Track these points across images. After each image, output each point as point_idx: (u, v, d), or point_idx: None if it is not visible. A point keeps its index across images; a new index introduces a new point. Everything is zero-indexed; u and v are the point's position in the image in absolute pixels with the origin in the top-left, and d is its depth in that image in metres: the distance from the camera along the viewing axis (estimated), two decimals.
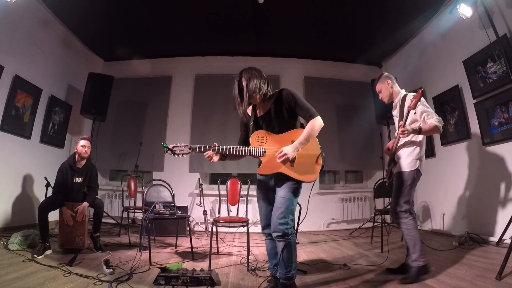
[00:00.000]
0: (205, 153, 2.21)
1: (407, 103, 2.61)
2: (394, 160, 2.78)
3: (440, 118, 2.55)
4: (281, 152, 2.06)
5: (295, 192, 2.14)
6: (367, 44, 5.68)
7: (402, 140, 2.70)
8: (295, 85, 6.12)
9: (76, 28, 5.30)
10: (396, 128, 2.79)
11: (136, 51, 5.97)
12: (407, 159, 2.64)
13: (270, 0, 4.32)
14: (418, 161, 2.64)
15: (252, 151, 2.17)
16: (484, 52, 3.98)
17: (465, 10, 3.90)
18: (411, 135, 2.59)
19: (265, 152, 2.17)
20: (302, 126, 2.24)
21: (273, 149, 2.15)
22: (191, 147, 2.22)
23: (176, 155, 2.23)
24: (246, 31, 5.38)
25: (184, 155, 2.23)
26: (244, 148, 2.18)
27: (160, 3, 4.60)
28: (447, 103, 4.72)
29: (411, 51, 5.62)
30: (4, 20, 4.03)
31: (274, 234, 2.09)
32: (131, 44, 5.78)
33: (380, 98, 2.94)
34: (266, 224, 2.26)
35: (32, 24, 4.56)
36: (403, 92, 2.82)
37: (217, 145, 2.19)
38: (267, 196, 2.27)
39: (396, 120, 2.84)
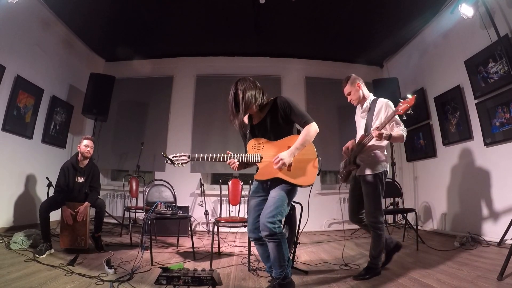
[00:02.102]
0: (228, 162, 2.23)
1: (378, 107, 2.64)
2: (355, 162, 2.72)
3: (405, 128, 2.59)
4: (277, 158, 2.08)
5: (288, 194, 2.13)
6: (368, 44, 5.68)
7: (365, 144, 2.65)
8: (296, 85, 6.14)
9: (78, 28, 5.32)
10: (360, 130, 2.79)
11: (137, 51, 5.99)
12: (376, 161, 2.64)
13: (271, 1, 4.33)
14: (385, 163, 2.66)
15: (249, 157, 2.21)
16: (485, 52, 3.97)
17: (466, 10, 3.90)
18: (376, 138, 2.56)
19: (261, 158, 2.20)
20: (299, 133, 2.24)
21: (269, 155, 2.17)
22: (189, 156, 2.29)
23: (175, 165, 2.30)
24: (247, 31, 5.38)
25: (183, 164, 2.31)
26: (241, 155, 2.21)
27: (161, 3, 4.61)
28: (448, 103, 4.71)
29: (412, 51, 5.62)
30: (6, 21, 4.05)
31: (263, 234, 2.08)
32: (132, 44, 5.79)
33: (349, 100, 2.84)
34: (253, 228, 2.23)
35: (34, 25, 4.58)
36: (371, 96, 2.80)
37: (229, 153, 2.24)
38: (259, 200, 2.26)
39: (360, 122, 2.83)
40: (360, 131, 2.78)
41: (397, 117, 2.55)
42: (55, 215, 3.47)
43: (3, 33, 4.04)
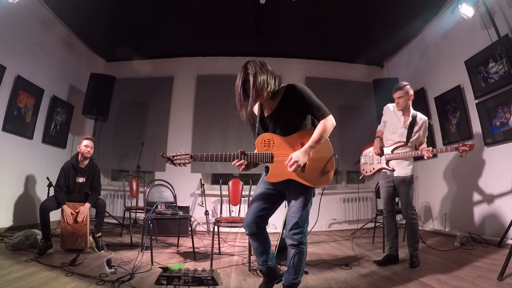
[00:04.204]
0: (233, 162, 1.98)
1: (419, 123, 3.05)
2: (388, 165, 3.11)
3: None
4: (290, 159, 1.88)
5: (308, 198, 2.01)
6: (368, 44, 5.68)
7: (404, 149, 3.04)
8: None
9: (78, 28, 5.32)
10: (396, 137, 3.12)
11: (137, 51, 5.98)
12: (410, 165, 3.06)
13: (272, 1, 4.33)
14: (413, 168, 3.12)
15: (258, 156, 1.98)
16: (485, 52, 3.97)
17: (466, 10, 3.90)
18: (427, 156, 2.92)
19: (272, 157, 1.97)
20: (313, 123, 2.06)
21: (281, 154, 1.95)
22: (192, 156, 2.03)
23: (177, 165, 2.06)
24: (248, 31, 5.38)
25: (185, 165, 2.07)
26: (250, 155, 1.98)
27: (162, 3, 4.61)
28: (448, 103, 4.71)
29: (413, 51, 5.61)
30: (6, 21, 4.05)
31: (289, 242, 2.02)
32: (132, 44, 5.79)
33: (396, 103, 3.13)
34: (251, 222, 2.05)
35: (34, 25, 4.58)
36: (413, 110, 3.12)
37: (244, 152, 1.99)
38: (267, 193, 2.07)
39: (398, 129, 3.12)
40: (396, 138, 3.11)
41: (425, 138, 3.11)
42: (55, 215, 3.47)
43: (3, 33, 4.04)
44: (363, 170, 3.36)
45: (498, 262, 2.67)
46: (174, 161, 2.04)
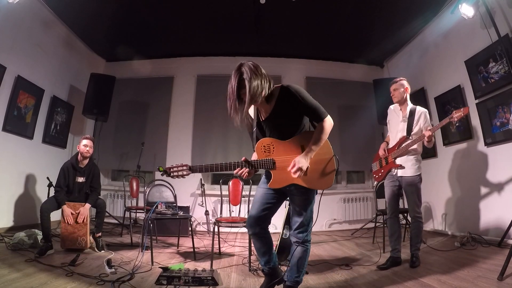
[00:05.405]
0: (235, 171, 1.95)
1: (418, 114, 3.03)
2: (395, 163, 3.06)
3: None
4: (294, 165, 1.85)
5: (311, 198, 2.03)
6: (369, 44, 5.68)
7: (407, 142, 3.00)
8: (297, 85, 6.13)
9: (78, 28, 5.32)
10: (398, 133, 3.11)
11: (137, 51, 5.99)
12: (415, 164, 3.04)
13: (272, 0, 4.33)
14: (420, 166, 3.08)
15: (260, 163, 1.95)
16: (486, 52, 3.97)
17: (466, 10, 3.89)
18: (417, 143, 2.97)
19: (274, 163, 1.94)
20: (312, 123, 2.05)
21: (282, 159, 1.93)
22: (190, 167, 2.00)
23: (174, 178, 2.02)
24: (248, 31, 5.38)
25: (184, 177, 2.02)
26: (252, 162, 1.96)
27: (162, 3, 4.61)
28: (449, 103, 4.71)
29: (413, 51, 5.61)
30: (6, 21, 4.05)
31: (293, 240, 2.04)
32: (133, 44, 5.79)
33: (391, 95, 3.19)
34: (254, 222, 2.05)
35: (34, 25, 4.58)
36: (411, 104, 3.13)
37: (247, 160, 1.96)
38: (269, 194, 2.05)
39: (398, 125, 3.13)
40: (398, 134, 3.12)
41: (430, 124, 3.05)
42: (55, 215, 3.47)
43: (3, 33, 4.04)
44: (375, 176, 3.36)
45: (498, 262, 2.68)
46: (171, 174, 2.00)
